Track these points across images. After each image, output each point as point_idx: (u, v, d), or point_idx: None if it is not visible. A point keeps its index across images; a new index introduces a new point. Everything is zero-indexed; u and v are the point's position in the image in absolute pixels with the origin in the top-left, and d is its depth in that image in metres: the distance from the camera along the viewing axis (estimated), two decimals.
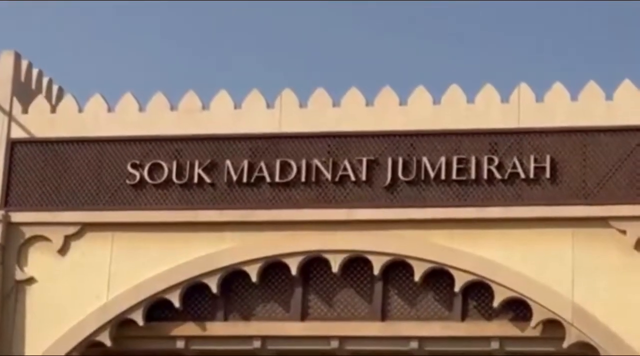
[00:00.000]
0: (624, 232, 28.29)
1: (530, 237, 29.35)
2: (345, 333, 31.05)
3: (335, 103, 32.31)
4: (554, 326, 28.58)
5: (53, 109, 34.88)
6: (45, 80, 36.57)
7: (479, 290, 29.76)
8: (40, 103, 34.46)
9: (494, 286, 28.83)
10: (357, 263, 30.68)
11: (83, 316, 31.26)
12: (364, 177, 30.80)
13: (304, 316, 31.36)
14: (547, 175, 29.53)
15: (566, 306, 28.12)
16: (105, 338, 31.20)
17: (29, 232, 32.59)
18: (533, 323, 28.46)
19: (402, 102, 31.94)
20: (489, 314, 29.95)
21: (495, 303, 28.78)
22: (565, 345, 28.18)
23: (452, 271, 29.33)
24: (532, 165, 29.85)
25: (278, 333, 31.70)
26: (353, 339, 31.35)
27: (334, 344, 30.99)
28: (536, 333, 28.89)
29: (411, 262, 29.60)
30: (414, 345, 30.52)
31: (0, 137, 33.57)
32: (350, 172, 30.90)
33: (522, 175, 29.72)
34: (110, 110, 33.80)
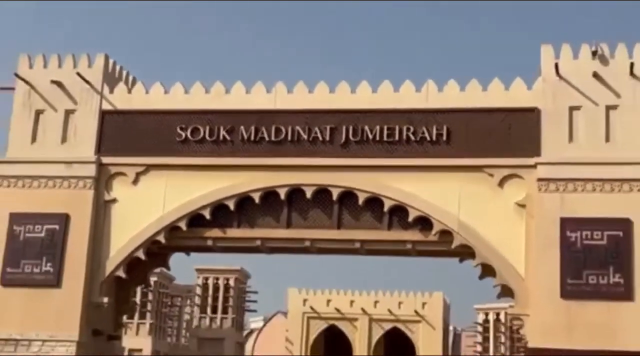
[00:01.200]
0: (492, 175, 29.73)
1: (433, 177, 30.88)
2: (314, 236, 32.73)
3: (311, 91, 33.43)
4: (446, 234, 30.08)
5: (129, 91, 35.79)
6: (124, 72, 37.42)
7: (399, 210, 31.01)
8: (121, 87, 35.46)
9: (409, 209, 30.23)
10: (322, 192, 32.09)
11: (147, 224, 32.60)
12: (327, 138, 32.16)
13: (288, 225, 32.97)
14: (444, 138, 30.87)
15: (454, 221, 29.62)
16: (161, 238, 32.50)
17: (113, 170, 33.61)
18: (433, 232, 30.04)
19: (353, 91, 32.97)
20: (406, 226, 31.29)
21: (410, 219, 30.20)
22: (452, 246, 29.92)
23: (382, 198, 30.79)
24: (435, 132, 31.16)
25: (271, 236, 33.54)
26: (319, 240, 33.13)
27: (307, 243, 32.95)
28: (435, 238, 30.49)
29: (357, 192, 31.15)
30: (357, 245, 32.53)
31: (95, 109, 34.36)
32: (319, 135, 32.34)
33: (428, 139, 31.11)
34: (166, 92, 34.74)
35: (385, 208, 31.22)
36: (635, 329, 27.72)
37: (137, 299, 50.77)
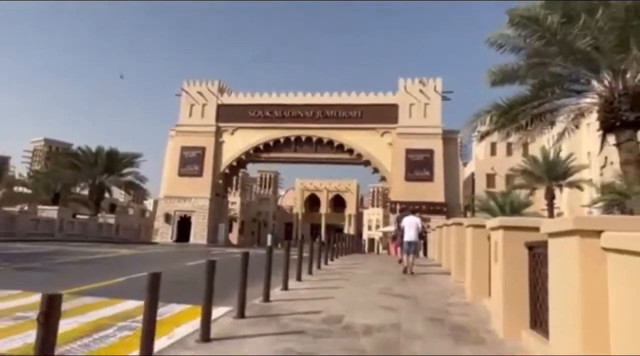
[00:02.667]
0: (378, 131, 38.47)
1: (355, 132, 38.83)
2: (305, 156, 40.79)
3: (304, 94, 40.59)
4: (360, 155, 38.64)
5: (229, 95, 42.27)
6: (226, 85, 42.82)
7: (341, 146, 39.16)
8: (225, 95, 41.99)
9: (344, 145, 38.64)
10: (309, 138, 40.02)
11: (236, 150, 40.61)
12: (311, 115, 39.86)
13: (295, 151, 40.93)
14: (360, 116, 38.98)
15: (363, 150, 38.26)
16: (242, 156, 40.29)
17: (222, 128, 41.02)
18: (354, 154, 38.45)
19: (322, 95, 40.29)
20: (343, 152, 39.49)
21: (345, 149, 38.63)
22: (362, 160, 38.55)
23: (334, 141, 39.07)
24: (356, 113, 39.23)
25: (288, 156, 41.19)
26: (307, 158, 41.29)
27: (303, 159, 41.44)
28: (355, 157, 38.96)
29: (323, 138, 39.41)
30: (324, 159, 41.09)
31: (215, 104, 41.14)
32: (308, 114, 39.92)
33: (353, 116, 39.16)
34: (244, 95, 41.69)
35: (335, 145, 39.35)
36: (433, 193, 36.91)
37: (234, 181, 59.57)
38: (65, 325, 5.26)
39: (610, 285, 2.86)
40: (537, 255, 4.67)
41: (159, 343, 4.42)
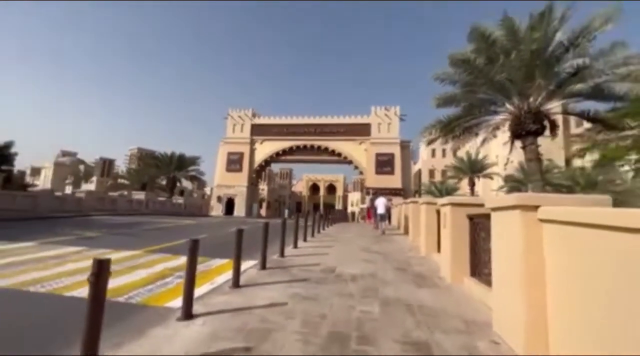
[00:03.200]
0: (358, 141, 35.92)
1: (343, 142, 36.42)
2: (310, 158, 37.82)
3: (308, 117, 38.42)
4: (346, 158, 36.02)
5: (258, 118, 39.87)
6: (256, 111, 40.54)
7: (333, 151, 36.68)
8: (257, 118, 39.44)
9: (336, 150, 36.17)
10: (312, 146, 37.43)
11: (264, 154, 38.17)
12: (314, 131, 37.39)
13: (303, 155, 38.21)
14: (346, 132, 36.52)
15: (349, 153, 36.06)
16: (268, 158, 37.90)
17: (254, 140, 38.27)
18: (342, 157, 35.88)
19: (320, 116, 38.11)
20: (334, 155, 36.90)
21: (335, 153, 36.13)
22: (347, 160, 35.78)
23: (329, 148, 36.67)
24: (343, 129, 36.84)
25: (299, 158, 38.46)
26: (312, 159, 38.20)
27: (308, 160, 38.12)
28: (342, 158, 36.27)
29: (322, 146, 36.94)
30: (323, 159, 37.93)
31: (249, 123, 38.29)
32: (312, 130, 37.55)
33: (341, 132, 36.69)
34: (268, 118, 39.40)
35: (329, 151, 37.31)
36: (394, 182, 34.86)
37: (263, 175, 57.44)
38: (139, 275, 4.83)
39: (545, 247, 2.43)
40: (476, 223, 4.30)
41: (205, 288, 4.07)
